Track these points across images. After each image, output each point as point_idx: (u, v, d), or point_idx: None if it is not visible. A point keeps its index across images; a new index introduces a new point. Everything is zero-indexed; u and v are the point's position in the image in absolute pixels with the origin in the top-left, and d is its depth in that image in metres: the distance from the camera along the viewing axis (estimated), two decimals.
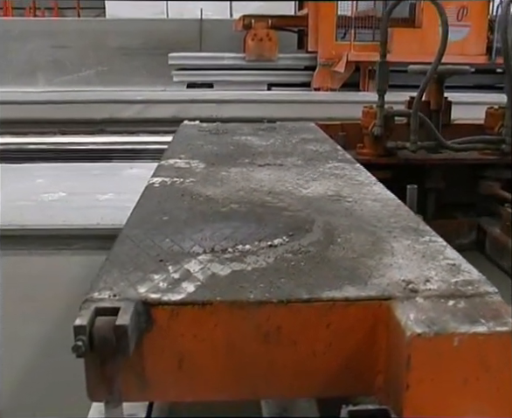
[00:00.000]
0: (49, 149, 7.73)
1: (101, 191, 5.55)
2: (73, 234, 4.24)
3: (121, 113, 9.91)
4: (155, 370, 1.07)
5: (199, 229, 1.40)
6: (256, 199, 1.63)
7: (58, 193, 5.49)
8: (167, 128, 8.70)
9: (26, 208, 4.93)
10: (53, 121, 9.13)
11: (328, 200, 1.64)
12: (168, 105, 10.70)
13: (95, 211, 4.82)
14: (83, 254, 4.05)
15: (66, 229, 4.32)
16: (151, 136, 8.48)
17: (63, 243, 4.13)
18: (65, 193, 5.48)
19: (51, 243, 4.12)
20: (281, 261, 1.23)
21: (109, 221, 4.51)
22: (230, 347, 1.07)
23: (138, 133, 8.71)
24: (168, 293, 1.07)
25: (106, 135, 8.72)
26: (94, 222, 4.51)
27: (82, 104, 10.57)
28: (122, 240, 1.33)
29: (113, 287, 1.10)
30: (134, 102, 10.84)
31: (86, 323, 0.97)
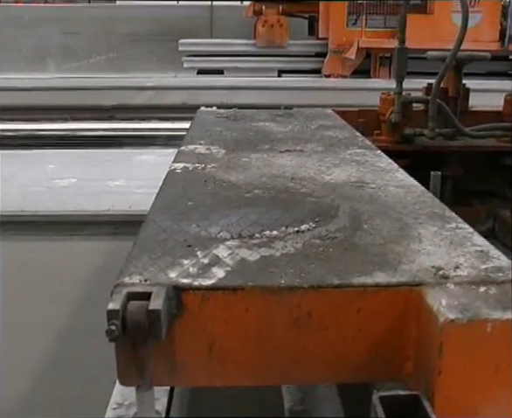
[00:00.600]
0: (60, 136, 7.75)
1: (112, 177, 5.56)
2: (85, 220, 4.26)
3: (131, 99, 9.91)
4: (186, 355, 1.07)
5: (225, 215, 1.39)
6: (279, 185, 1.63)
7: (69, 179, 5.51)
8: (177, 115, 8.73)
9: (38, 194, 4.96)
10: (64, 107, 9.15)
11: (352, 186, 1.64)
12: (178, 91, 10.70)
13: (106, 197, 4.84)
14: (94, 239, 4.07)
15: (78, 215, 4.35)
16: (161, 123, 8.49)
17: (74, 229, 4.15)
18: (77, 179, 5.51)
19: (63, 229, 4.14)
20: (309, 246, 1.22)
21: (120, 207, 4.54)
22: (260, 332, 1.07)
23: (148, 119, 8.71)
24: (198, 278, 1.07)
25: (116, 122, 8.72)
26: (105, 208, 4.53)
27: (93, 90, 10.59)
28: (149, 225, 1.33)
29: (143, 272, 1.10)
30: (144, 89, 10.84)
31: (119, 307, 0.97)
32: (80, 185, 5.29)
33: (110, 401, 1.72)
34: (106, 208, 4.54)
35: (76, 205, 4.59)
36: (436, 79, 2.65)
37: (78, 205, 4.59)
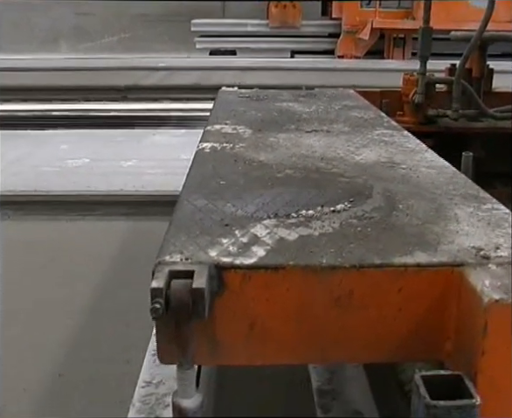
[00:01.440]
0: (72, 116, 7.76)
1: (124, 157, 5.57)
2: (97, 200, 4.28)
3: (143, 80, 9.88)
4: (226, 333, 1.08)
5: (259, 194, 1.39)
6: (310, 165, 1.62)
7: (81, 159, 5.53)
8: (189, 96, 8.71)
9: (51, 174, 4.98)
10: (77, 88, 9.13)
11: (383, 167, 1.63)
12: (190, 72, 10.66)
13: (118, 177, 4.86)
14: (107, 219, 4.08)
15: (90, 195, 4.36)
16: (174, 103, 8.46)
17: (87, 209, 4.17)
18: (89, 160, 5.52)
19: (76, 209, 4.16)
20: (347, 226, 1.22)
21: (132, 187, 4.55)
22: (301, 311, 1.07)
23: (161, 100, 8.69)
24: (239, 257, 1.07)
25: (129, 102, 8.71)
26: (118, 188, 4.54)
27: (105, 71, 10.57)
28: (183, 204, 1.33)
29: (183, 250, 1.10)
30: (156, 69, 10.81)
31: (162, 285, 0.97)
32: (93, 166, 5.31)
33: (138, 380, 1.73)
34: (118, 188, 4.55)
35: (88, 185, 4.61)
36: (461, 59, 2.63)
37: (90, 185, 4.61)
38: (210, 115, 2.29)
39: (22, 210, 4.25)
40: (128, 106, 8.36)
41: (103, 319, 2.79)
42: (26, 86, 9.02)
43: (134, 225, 4.02)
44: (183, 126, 7.21)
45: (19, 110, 7.98)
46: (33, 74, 9.97)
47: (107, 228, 3.97)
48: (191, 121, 7.31)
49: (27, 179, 4.81)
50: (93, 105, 8.33)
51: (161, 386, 1.70)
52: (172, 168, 5.17)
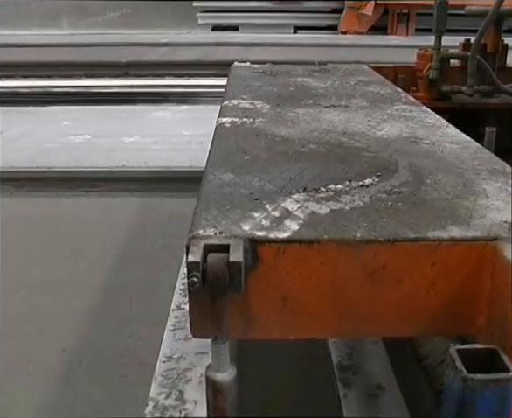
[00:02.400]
0: (74, 93, 7.72)
1: (127, 133, 5.56)
2: (99, 176, 4.27)
3: (145, 56, 9.82)
4: (260, 308, 1.07)
5: (285, 168, 1.38)
6: (333, 140, 1.61)
7: (83, 136, 5.51)
8: (192, 72, 8.66)
9: (53, 150, 4.97)
10: (78, 64, 9.08)
11: (405, 142, 1.62)
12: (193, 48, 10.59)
13: (121, 153, 4.85)
14: (109, 195, 4.08)
15: (92, 171, 4.35)
16: (176, 80, 8.42)
17: (89, 185, 4.17)
18: (91, 136, 5.51)
19: (78, 185, 4.16)
20: (377, 200, 1.21)
21: (134, 163, 4.54)
22: (335, 286, 1.07)
23: (163, 76, 8.64)
24: (273, 231, 1.07)
25: (131, 78, 8.66)
26: (120, 164, 4.53)
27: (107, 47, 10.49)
28: (210, 178, 1.32)
29: (216, 224, 1.09)
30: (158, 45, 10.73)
31: (199, 259, 0.97)
32: (95, 142, 5.30)
33: (159, 355, 1.74)
34: (120, 164, 4.54)
35: (91, 161, 4.60)
36: (477, 34, 2.60)
37: (92, 161, 4.60)
38: (225, 90, 2.27)
39: (24, 186, 4.24)
40: (130, 82, 8.32)
41: (106, 295, 2.79)
42: (27, 62, 8.96)
43: (136, 201, 4.01)
44: (185, 102, 7.19)
45: (21, 86, 7.94)
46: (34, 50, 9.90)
47: (109, 204, 3.97)
48: (194, 98, 7.29)
49: (29, 156, 4.80)
50: (95, 81, 8.29)
51: (181, 361, 1.70)
52: (174, 144, 5.16)
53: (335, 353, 1.77)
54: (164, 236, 3.40)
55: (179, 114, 6.50)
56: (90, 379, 2.19)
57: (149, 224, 3.63)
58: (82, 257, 3.16)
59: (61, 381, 2.18)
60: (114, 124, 6.04)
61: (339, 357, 1.75)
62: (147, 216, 3.74)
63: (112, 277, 2.95)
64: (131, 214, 3.80)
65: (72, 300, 2.75)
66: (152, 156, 4.74)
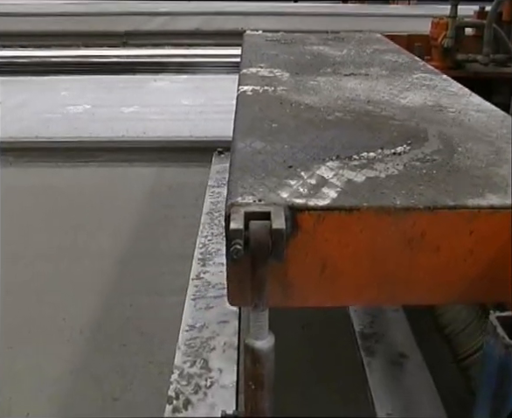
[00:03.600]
0: (73, 62, 7.66)
1: (126, 103, 5.52)
2: (99, 147, 4.25)
3: (144, 25, 9.72)
4: (298, 275, 1.07)
5: (314, 136, 1.37)
6: (358, 108, 1.60)
7: (82, 106, 5.48)
8: (191, 41, 8.58)
9: (52, 121, 4.93)
10: (76, 33, 8.99)
11: (431, 110, 1.60)
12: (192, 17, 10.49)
13: (120, 123, 4.82)
14: (109, 165, 4.06)
15: (92, 141, 4.33)
16: (175, 49, 8.36)
17: (89, 155, 4.15)
18: (90, 106, 5.47)
19: (78, 155, 4.14)
20: (411, 168, 1.21)
21: (134, 133, 4.52)
22: (373, 253, 1.07)
23: (162, 45, 8.57)
24: (312, 198, 1.06)
25: (129, 48, 8.60)
26: (120, 134, 4.51)
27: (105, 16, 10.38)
28: (240, 146, 1.31)
29: (253, 192, 1.08)
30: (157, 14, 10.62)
31: (242, 226, 0.96)
32: (94, 112, 5.26)
33: (181, 325, 1.74)
34: (120, 134, 4.52)
35: (90, 131, 4.58)
36: (494, 2, 2.57)
37: (92, 131, 4.58)
38: (241, 58, 2.25)
39: (24, 157, 4.22)
40: (129, 52, 8.25)
41: (106, 264, 2.79)
42: (25, 31, 8.87)
43: (136, 171, 4.00)
44: (184, 72, 7.13)
45: (19, 56, 7.86)
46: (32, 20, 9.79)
47: (109, 175, 3.96)
48: (192, 67, 7.23)
49: (28, 126, 4.77)
50: (94, 51, 8.22)
51: (204, 330, 1.70)
52: (174, 113, 5.13)
53: (356, 322, 1.77)
54: (164, 206, 3.40)
55: (178, 84, 6.46)
56: (90, 347, 2.19)
57: (149, 194, 3.62)
58: (82, 227, 3.15)
59: (61, 350, 2.18)
60: (113, 94, 5.99)
61: (361, 325, 1.76)
62: (146, 186, 3.73)
63: (112, 247, 2.95)
64: (131, 185, 3.79)
65: (72, 269, 2.75)
66: (151, 126, 4.72)
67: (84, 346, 2.23)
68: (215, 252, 2.07)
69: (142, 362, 2.13)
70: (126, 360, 2.14)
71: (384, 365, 1.62)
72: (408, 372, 1.60)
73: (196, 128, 4.62)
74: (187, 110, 5.28)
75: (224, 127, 4.59)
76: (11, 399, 1.97)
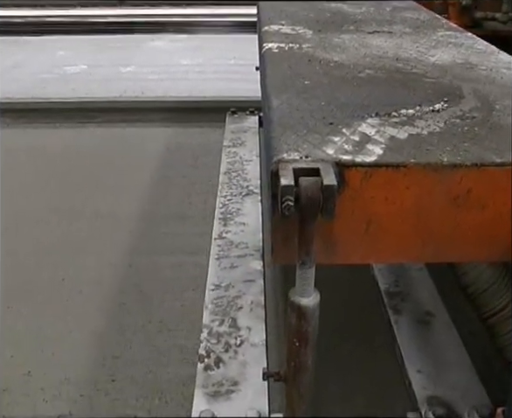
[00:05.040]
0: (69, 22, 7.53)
1: (123, 63, 5.46)
2: (97, 107, 4.21)
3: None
4: (343, 233, 1.07)
5: (349, 93, 1.36)
6: (388, 66, 1.58)
7: (79, 66, 5.42)
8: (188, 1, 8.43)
9: (49, 81, 4.88)
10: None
11: (462, 68, 1.58)
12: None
13: (118, 83, 4.78)
14: (107, 126, 4.03)
15: (89, 102, 4.29)
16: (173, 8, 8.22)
17: (87, 116, 4.11)
18: (87, 66, 5.41)
19: (75, 116, 4.11)
20: (452, 125, 1.19)
21: (132, 94, 4.48)
22: (418, 210, 1.06)
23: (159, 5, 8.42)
24: (358, 155, 1.05)
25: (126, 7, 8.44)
26: (117, 95, 4.46)
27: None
28: (277, 103, 1.29)
29: (298, 148, 1.07)
30: None
31: (292, 182, 0.95)
32: (91, 72, 5.21)
33: (207, 283, 1.74)
34: (117, 95, 4.48)
35: (87, 92, 4.53)
36: None
37: (89, 91, 4.53)
38: (259, 15, 2.21)
39: (21, 118, 4.19)
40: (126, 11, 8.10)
41: (104, 225, 2.79)
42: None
43: (134, 131, 3.97)
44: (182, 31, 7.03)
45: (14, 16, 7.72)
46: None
47: (107, 134, 3.93)
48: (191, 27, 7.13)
49: (25, 87, 4.72)
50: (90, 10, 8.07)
51: (230, 289, 1.70)
52: (172, 73, 5.08)
53: (381, 281, 1.78)
54: (163, 166, 3.38)
55: (176, 44, 6.38)
56: (90, 307, 2.20)
57: (147, 154, 3.61)
58: (79, 187, 3.15)
59: (61, 310, 2.19)
60: (110, 54, 5.93)
61: (386, 284, 1.77)
62: (144, 146, 3.71)
63: (110, 207, 2.95)
64: (128, 145, 3.77)
65: (70, 229, 2.74)
66: (149, 86, 4.67)
67: (83, 306, 2.24)
68: (235, 211, 2.06)
69: (142, 321, 2.14)
70: (125, 320, 2.16)
71: (412, 324, 1.62)
72: (435, 330, 1.60)
73: (195, 88, 4.58)
74: (185, 69, 5.23)
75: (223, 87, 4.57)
76: (13, 357, 1.97)
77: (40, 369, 1.94)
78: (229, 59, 5.60)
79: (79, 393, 1.84)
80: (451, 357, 1.51)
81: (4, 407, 1.80)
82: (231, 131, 2.66)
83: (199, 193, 3.04)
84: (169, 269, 2.44)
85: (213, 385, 1.39)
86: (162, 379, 1.87)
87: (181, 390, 1.83)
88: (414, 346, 1.54)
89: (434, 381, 1.44)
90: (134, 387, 1.85)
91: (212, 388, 1.39)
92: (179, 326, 2.10)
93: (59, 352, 2.01)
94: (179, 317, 2.15)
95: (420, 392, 1.40)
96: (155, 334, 2.06)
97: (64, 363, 1.96)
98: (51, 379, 1.90)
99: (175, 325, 2.10)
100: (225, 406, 1.33)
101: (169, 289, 2.32)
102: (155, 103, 4.31)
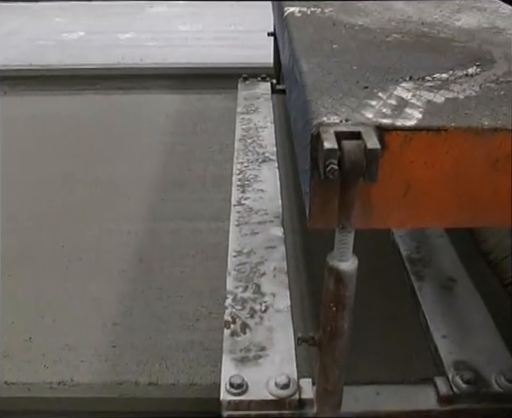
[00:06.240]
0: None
1: (121, 30, 5.39)
2: (95, 74, 4.17)
3: None
4: (382, 197, 1.06)
5: (380, 57, 1.34)
6: (414, 30, 1.56)
7: (77, 33, 5.34)
8: None
9: (46, 48, 4.82)
10: None
11: (489, 32, 1.57)
12: None
13: (116, 50, 4.72)
14: (105, 93, 4.00)
15: (87, 69, 4.24)
16: None
17: (85, 83, 4.07)
18: (85, 32, 5.34)
19: (73, 83, 4.07)
20: (488, 90, 1.18)
21: (130, 60, 4.43)
22: (457, 174, 1.05)
23: None
24: (398, 118, 1.04)
25: None
26: (115, 61, 4.41)
27: None
28: (308, 67, 1.28)
29: (336, 112, 1.06)
30: None
31: (336, 146, 0.94)
32: (89, 39, 5.14)
33: (229, 251, 1.74)
34: (116, 61, 4.43)
35: (86, 58, 4.48)
36: None
37: (87, 58, 4.48)
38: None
39: (19, 85, 4.14)
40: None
41: (102, 191, 2.78)
42: None
43: (132, 98, 3.94)
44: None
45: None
46: None
47: (105, 102, 3.90)
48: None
49: (22, 53, 4.67)
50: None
51: (252, 255, 1.70)
52: (170, 40, 5.02)
53: (403, 247, 1.78)
54: (162, 133, 3.36)
55: (175, 10, 6.30)
56: (89, 274, 2.20)
57: (146, 121, 3.59)
58: (78, 154, 3.12)
59: (61, 277, 2.18)
60: (107, 21, 5.85)
61: (408, 250, 1.77)
62: (143, 113, 3.68)
63: (108, 173, 2.93)
64: (127, 111, 3.74)
65: (69, 197, 2.73)
66: (148, 53, 4.62)
67: (83, 273, 2.23)
68: (253, 178, 2.06)
69: (141, 288, 2.15)
70: (125, 286, 2.15)
71: (435, 289, 1.63)
72: (459, 295, 1.61)
73: (194, 55, 4.54)
74: (184, 36, 5.18)
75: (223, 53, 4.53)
76: (13, 323, 1.98)
77: (41, 335, 1.94)
78: (228, 26, 5.54)
79: (79, 359, 1.85)
80: (475, 322, 1.52)
81: (6, 372, 1.80)
82: (243, 98, 2.64)
83: (198, 160, 3.03)
84: (168, 236, 2.44)
85: (241, 350, 1.40)
86: (162, 345, 1.88)
87: (181, 356, 1.84)
88: (438, 312, 1.55)
89: (460, 346, 1.44)
90: (134, 353, 1.85)
91: (240, 354, 1.39)
92: (178, 293, 2.10)
93: (60, 319, 2.01)
94: (178, 284, 2.15)
95: (447, 356, 1.41)
96: (155, 301, 2.07)
97: (64, 329, 1.96)
98: (51, 346, 1.90)
99: (174, 292, 2.10)
100: (254, 371, 1.34)
101: (168, 255, 2.31)
102: (154, 70, 4.27)
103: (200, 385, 1.76)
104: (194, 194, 2.75)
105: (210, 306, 2.05)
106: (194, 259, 2.30)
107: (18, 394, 1.76)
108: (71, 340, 1.92)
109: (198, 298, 2.09)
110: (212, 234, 2.44)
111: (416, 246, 1.78)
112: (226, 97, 3.74)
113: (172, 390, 1.76)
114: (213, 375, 1.77)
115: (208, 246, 2.37)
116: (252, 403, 1.28)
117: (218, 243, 2.32)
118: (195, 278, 2.19)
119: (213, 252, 2.32)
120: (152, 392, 1.75)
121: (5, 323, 1.98)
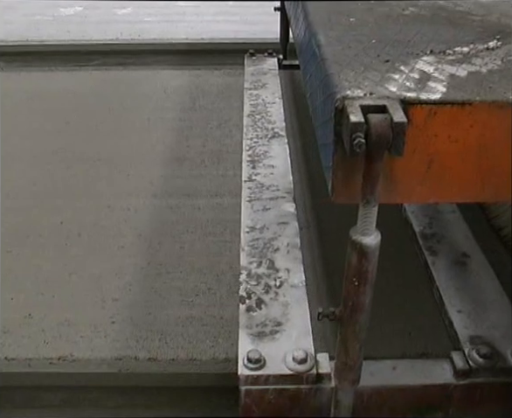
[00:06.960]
0: None
1: (119, 5, 5.32)
2: (92, 50, 4.13)
3: None
4: (405, 171, 1.05)
5: (398, 30, 1.33)
6: (431, 3, 1.55)
7: (74, 8, 5.28)
8: None
9: (43, 23, 4.77)
10: None
11: (507, 5, 1.55)
12: None
13: (114, 25, 4.67)
14: (103, 69, 3.97)
15: (85, 45, 4.20)
16: None
17: (83, 59, 4.04)
18: (83, 8, 5.27)
19: (71, 59, 4.04)
20: (511, 63, 1.17)
21: (128, 36, 4.39)
22: (481, 149, 1.05)
23: None
24: (422, 92, 1.03)
25: None
26: (113, 37, 4.37)
27: None
28: (326, 40, 1.26)
29: (360, 86, 1.05)
30: None
31: (362, 119, 0.93)
32: (87, 14, 5.09)
33: (241, 226, 1.74)
34: (114, 37, 4.39)
35: (83, 34, 4.44)
36: None
37: (85, 34, 4.44)
38: None
39: (16, 61, 4.10)
40: None
41: (102, 168, 2.77)
42: None
43: (131, 74, 3.91)
44: None
45: None
46: None
47: (103, 77, 3.87)
48: None
49: (18, 29, 4.62)
50: None
51: (265, 231, 1.70)
52: (169, 15, 4.98)
53: (415, 222, 1.78)
54: (160, 109, 3.34)
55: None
56: (88, 250, 2.20)
57: (144, 97, 3.56)
58: (76, 130, 3.11)
59: (60, 253, 2.19)
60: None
61: (420, 226, 1.77)
62: (141, 89, 3.66)
63: (108, 150, 2.92)
64: (126, 87, 3.72)
65: (67, 173, 2.72)
66: (146, 29, 4.58)
67: (82, 249, 2.24)
68: (263, 154, 2.05)
69: (141, 263, 2.15)
70: (124, 262, 2.16)
71: (448, 265, 1.63)
72: (472, 270, 1.61)
73: (192, 31, 4.50)
74: (183, 11, 5.13)
75: (221, 29, 4.48)
76: (13, 299, 1.99)
77: (41, 311, 1.95)
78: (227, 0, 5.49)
79: (79, 334, 1.86)
80: (489, 296, 1.53)
81: (6, 348, 1.81)
82: (250, 73, 2.62)
83: (197, 136, 3.02)
84: (167, 212, 2.43)
85: (257, 325, 1.40)
86: (162, 320, 1.89)
87: (180, 331, 1.86)
88: (453, 287, 1.55)
89: (475, 321, 1.45)
90: (133, 329, 1.86)
91: (256, 329, 1.39)
92: (178, 268, 2.10)
93: (59, 295, 2.01)
94: (178, 260, 2.16)
95: (462, 331, 1.42)
96: (154, 276, 2.07)
97: (64, 305, 1.97)
98: (51, 321, 1.91)
99: (173, 268, 2.11)
100: (271, 346, 1.34)
101: (167, 231, 2.31)
102: (152, 45, 4.23)
103: (199, 360, 1.78)
104: (193, 170, 2.74)
105: (209, 282, 2.06)
106: (193, 235, 2.30)
107: (18, 370, 1.77)
108: (70, 316, 1.93)
109: (197, 274, 2.09)
110: (211, 210, 2.44)
111: (428, 221, 1.78)
112: (226, 73, 3.73)
113: (172, 365, 1.77)
114: (212, 350, 1.79)
115: (207, 222, 2.37)
116: (270, 378, 1.28)
117: (217, 219, 2.32)
118: (194, 254, 2.20)
119: (212, 228, 2.32)
120: (151, 367, 1.76)
121: (5, 300, 1.99)
